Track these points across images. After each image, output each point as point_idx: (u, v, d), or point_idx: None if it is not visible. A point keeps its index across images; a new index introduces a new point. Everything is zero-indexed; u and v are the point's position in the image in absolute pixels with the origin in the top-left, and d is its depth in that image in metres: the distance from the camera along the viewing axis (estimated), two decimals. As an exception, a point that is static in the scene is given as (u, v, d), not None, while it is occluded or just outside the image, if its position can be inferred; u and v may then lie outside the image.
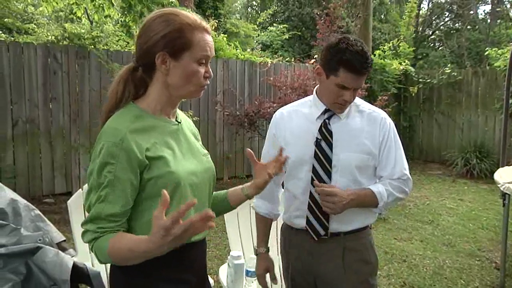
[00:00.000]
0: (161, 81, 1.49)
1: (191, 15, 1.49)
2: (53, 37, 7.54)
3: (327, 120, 1.98)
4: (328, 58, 1.87)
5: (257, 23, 16.45)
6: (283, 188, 2.18)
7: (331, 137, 1.96)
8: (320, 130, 1.97)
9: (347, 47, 1.82)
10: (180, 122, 1.61)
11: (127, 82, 1.51)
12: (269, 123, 6.64)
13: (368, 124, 2.00)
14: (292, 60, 10.56)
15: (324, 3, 13.21)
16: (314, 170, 1.95)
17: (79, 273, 2.20)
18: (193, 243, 1.55)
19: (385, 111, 2.12)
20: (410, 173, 2.07)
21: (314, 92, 2.06)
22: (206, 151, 1.68)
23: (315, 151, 1.95)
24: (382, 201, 1.94)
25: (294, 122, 2.07)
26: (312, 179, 1.95)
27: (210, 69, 1.54)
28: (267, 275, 2.20)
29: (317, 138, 1.96)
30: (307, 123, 2.02)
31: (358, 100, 2.05)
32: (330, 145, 1.95)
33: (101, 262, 1.45)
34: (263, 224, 2.23)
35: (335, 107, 1.96)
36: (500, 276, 4.19)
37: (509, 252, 4.67)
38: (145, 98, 1.52)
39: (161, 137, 1.49)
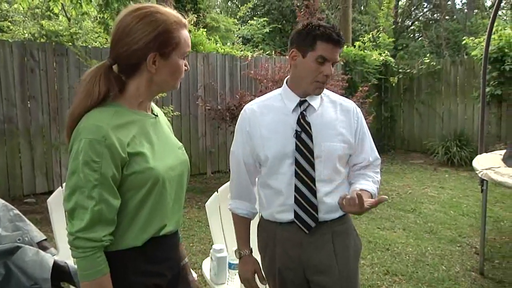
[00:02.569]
0: (145, 78, 1.49)
1: (172, 12, 1.51)
2: (29, 34, 7.45)
3: (304, 112, 1.96)
4: (303, 36, 1.88)
5: (237, 17, 16.41)
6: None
7: (310, 128, 1.94)
8: (298, 122, 1.94)
9: (318, 24, 1.89)
10: (157, 115, 1.62)
11: (103, 81, 1.47)
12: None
13: (342, 114, 2.02)
14: (273, 53, 10.56)
15: (303, -5, 13.25)
16: (297, 163, 1.92)
17: (60, 271, 2.19)
18: (165, 236, 1.57)
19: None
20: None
21: (285, 84, 2.03)
22: (180, 144, 1.70)
23: (296, 144, 1.92)
24: (374, 197, 1.97)
25: (269, 116, 2.01)
26: (296, 172, 1.92)
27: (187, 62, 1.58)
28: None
29: (296, 131, 1.93)
30: (282, 116, 1.98)
31: (326, 91, 2.06)
32: (310, 137, 1.93)
33: (80, 278, 1.43)
34: (243, 225, 2.16)
35: (316, 86, 1.92)
36: (479, 260, 4.26)
37: (488, 237, 4.76)
38: (123, 95, 1.51)
39: (141, 131, 1.50)
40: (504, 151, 4.72)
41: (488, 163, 4.25)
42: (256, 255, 2.11)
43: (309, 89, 1.93)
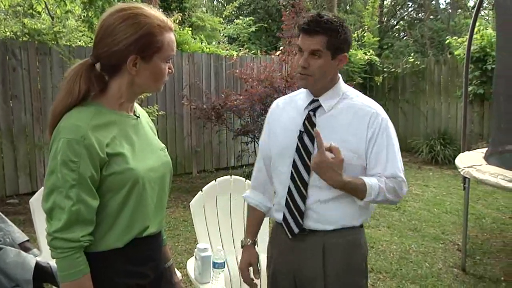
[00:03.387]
0: (127, 80, 1.48)
1: (157, 14, 1.49)
2: (11, 33, 7.36)
3: (311, 112, 1.87)
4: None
5: (223, 16, 16.39)
6: None
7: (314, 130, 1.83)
8: (304, 122, 1.87)
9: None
10: (138, 117, 1.62)
11: (84, 79, 1.46)
12: (236, 115, 6.69)
13: (356, 119, 1.83)
14: (259, 52, 10.58)
15: (289, -6, 13.29)
16: (294, 165, 1.85)
17: (43, 272, 2.18)
18: (149, 237, 1.56)
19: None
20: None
21: None
22: (163, 145, 1.69)
23: (297, 144, 1.85)
24: (370, 196, 1.77)
25: (287, 113, 1.97)
26: (292, 174, 1.86)
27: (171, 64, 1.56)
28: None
29: (300, 131, 1.86)
30: (296, 114, 1.92)
31: (353, 92, 1.92)
32: (312, 139, 1.83)
33: (60, 278, 1.43)
34: (253, 215, 2.15)
35: (298, 78, 1.86)
36: (461, 257, 4.32)
37: (470, 234, 4.82)
38: (105, 94, 1.50)
39: (121, 132, 1.49)
40: (486, 149, 4.79)
41: (470, 161, 4.30)
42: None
43: (296, 80, 1.87)
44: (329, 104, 1.86)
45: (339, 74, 1.91)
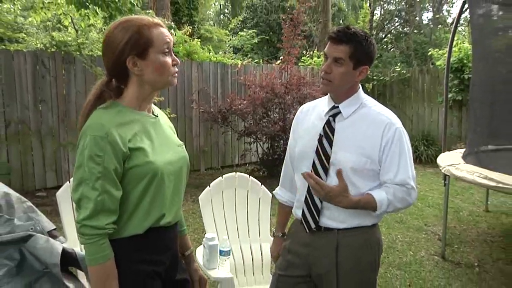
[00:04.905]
0: (137, 81, 1.49)
1: (144, 17, 1.49)
2: (41, 45, 7.38)
3: (331, 118, 1.84)
4: None
5: (229, 29, 16.43)
6: None
7: (333, 135, 1.81)
8: (324, 127, 1.84)
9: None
10: (157, 116, 1.62)
11: (104, 95, 1.50)
12: (240, 118, 6.71)
13: (371, 127, 1.79)
14: (261, 61, 10.58)
15: (289, 9, 13.27)
16: (313, 165, 1.83)
17: (68, 257, 2.20)
18: (166, 228, 1.56)
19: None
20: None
21: None
22: (181, 142, 1.69)
23: (317, 146, 1.83)
24: (380, 209, 1.76)
25: (310, 117, 1.95)
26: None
27: (176, 57, 1.54)
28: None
29: (320, 134, 1.83)
30: (317, 119, 1.90)
31: (371, 102, 1.87)
32: (330, 143, 1.80)
33: (87, 262, 1.44)
34: (282, 210, 2.16)
35: (321, 82, 1.84)
36: (441, 246, 4.34)
37: (449, 225, 4.83)
38: (124, 98, 1.51)
39: (142, 129, 1.50)
40: (464, 149, 4.80)
41: (450, 160, 4.31)
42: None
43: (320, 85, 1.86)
44: (348, 111, 1.83)
45: (359, 84, 1.87)
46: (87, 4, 5.78)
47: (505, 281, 3.75)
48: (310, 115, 1.96)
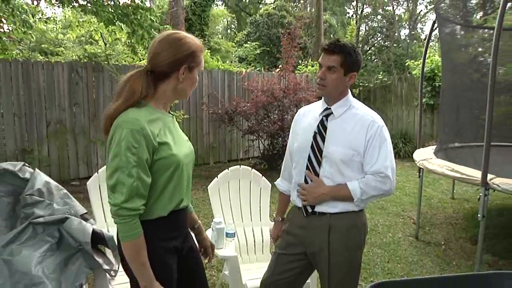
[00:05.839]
0: (172, 85, 1.50)
1: (196, 38, 1.54)
2: (76, 56, 7.41)
3: (324, 118, 1.87)
4: None
5: (235, 41, 16.38)
6: None
7: (325, 132, 1.84)
8: (318, 125, 1.87)
9: None
10: (173, 115, 1.64)
11: (143, 81, 1.47)
12: (244, 119, 6.70)
13: (358, 124, 1.81)
14: (262, 69, 10.57)
15: (287, 25, 13.24)
16: (309, 158, 1.85)
17: (97, 237, 2.24)
18: (182, 209, 1.60)
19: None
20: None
21: None
22: (187, 138, 1.69)
23: (312, 142, 1.85)
24: (355, 197, 1.78)
25: (307, 118, 1.97)
26: (307, 166, 1.87)
27: None
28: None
29: (314, 132, 1.86)
30: (313, 119, 1.92)
31: (358, 104, 1.89)
32: (323, 139, 1.83)
33: (121, 239, 1.45)
34: (282, 198, 2.17)
35: (316, 87, 1.89)
36: (415, 228, 4.37)
37: (422, 211, 4.84)
38: (154, 96, 1.50)
39: (165, 126, 1.50)
40: (435, 146, 4.82)
41: (423, 155, 4.32)
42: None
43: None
44: (339, 111, 1.85)
45: (349, 89, 1.89)
46: (114, 21, 5.81)
47: (464, 256, 3.80)
48: (307, 117, 1.97)
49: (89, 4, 5.62)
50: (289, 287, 1.98)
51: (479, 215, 3.08)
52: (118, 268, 2.30)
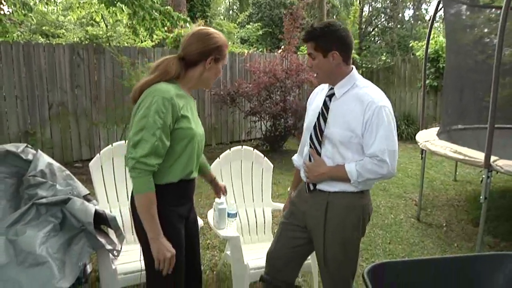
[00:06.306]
0: (199, 72, 1.71)
1: (223, 36, 1.76)
2: (77, 38, 7.34)
3: (327, 98, 1.86)
4: None
5: (237, 23, 16.17)
6: None
7: (327, 112, 1.83)
8: (321, 105, 1.87)
9: None
10: (194, 98, 1.85)
11: (176, 65, 1.67)
12: (246, 100, 6.64)
13: (357, 105, 1.76)
14: (265, 50, 10.46)
15: (289, 5, 13.05)
16: (311, 137, 1.88)
17: (100, 217, 2.25)
18: (191, 180, 1.76)
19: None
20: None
21: None
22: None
23: (315, 122, 1.87)
24: (352, 179, 1.77)
25: (316, 97, 1.98)
26: (310, 145, 1.89)
27: None
28: None
29: (319, 112, 1.87)
30: (321, 99, 1.91)
31: (363, 83, 1.83)
32: (325, 119, 1.83)
33: (134, 192, 1.59)
34: (296, 173, 2.17)
35: (314, 76, 1.92)
36: (417, 210, 4.38)
37: (424, 193, 4.85)
38: (183, 79, 1.71)
39: (186, 104, 1.68)
40: (438, 128, 4.79)
41: (426, 137, 4.31)
42: None
43: None
44: (340, 91, 1.83)
45: (352, 67, 1.85)
46: (115, 2, 5.73)
47: (465, 237, 3.81)
48: (318, 96, 1.98)
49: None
50: (292, 258, 2.02)
51: (481, 197, 3.08)
52: (121, 248, 2.33)
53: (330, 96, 1.86)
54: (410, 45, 10.24)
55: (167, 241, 1.60)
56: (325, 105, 1.86)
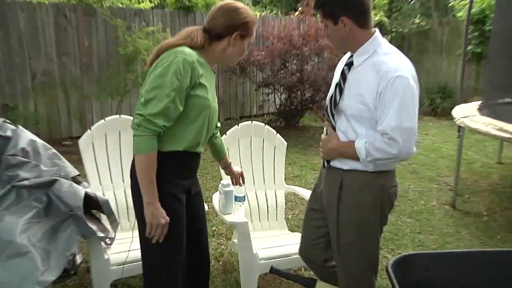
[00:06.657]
0: (223, 46, 1.82)
1: (252, 12, 1.87)
2: (63, -4, 7.25)
3: (345, 67, 1.87)
4: None
5: (248, -19, 15.90)
6: None
7: (344, 83, 1.84)
8: (340, 75, 1.89)
9: None
10: (214, 73, 1.93)
11: (201, 35, 1.79)
12: (258, 69, 6.57)
13: (372, 75, 1.73)
14: (279, 13, 10.31)
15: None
16: (327, 110, 1.93)
17: (91, 201, 2.26)
18: (196, 154, 1.87)
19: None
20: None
21: None
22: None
23: (332, 94, 1.90)
24: (361, 157, 1.78)
25: (339, 65, 2.00)
26: (327, 118, 1.95)
27: None
28: None
29: (336, 83, 1.89)
30: (340, 68, 1.94)
31: (384, 50, 1.81)
32: (341, 91, 1.84)
33: (135, 151, 1.67)
34: None
35: None
36: (452, 195, 4.34)
37: (462, 176, 4.80)
38: (206, 51, 1.82)
39: (206, 74, 1.80)
40: (479, 102, 4.69)
41: (465, 112, 4.25)
42: None
43: None
44: (358, 60, 1.82)
45: (374, 30, 1.83)
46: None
47: (510, 229, 3.75)
48: (340, 64, 1.99)
49: None
50: (322, 249, 2.10)
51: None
52: (115, 236, 2.34)
53: (349, 65, 1.86)
54: (450, 4, 9.95)
55: (163, 209, 1.70)
56: (343, 75, 1.87)
